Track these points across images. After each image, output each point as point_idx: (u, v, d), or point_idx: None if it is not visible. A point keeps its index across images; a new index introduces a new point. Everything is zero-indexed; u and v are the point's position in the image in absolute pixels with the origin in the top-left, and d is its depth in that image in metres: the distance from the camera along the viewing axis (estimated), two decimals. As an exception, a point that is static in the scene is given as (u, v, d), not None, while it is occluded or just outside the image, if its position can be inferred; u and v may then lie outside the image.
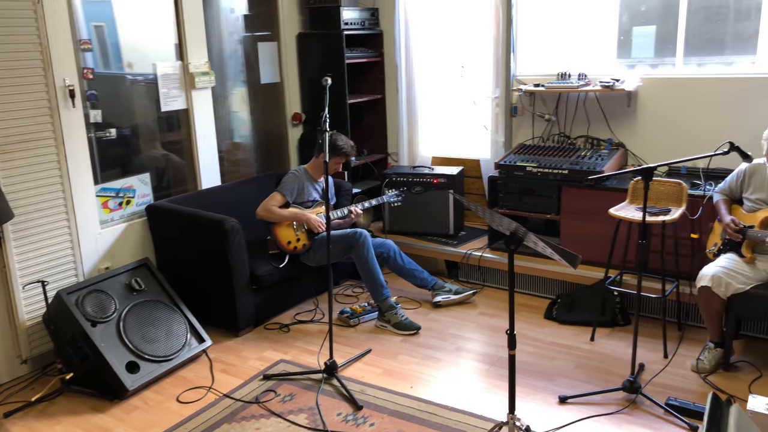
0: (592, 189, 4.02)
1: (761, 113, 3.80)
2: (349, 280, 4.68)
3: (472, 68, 4.96)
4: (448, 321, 4.02)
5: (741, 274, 3.21)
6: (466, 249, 4.53)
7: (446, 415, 2.97)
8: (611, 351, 3.56)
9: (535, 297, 4.32)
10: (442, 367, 3.46)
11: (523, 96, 4.62)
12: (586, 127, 4.49)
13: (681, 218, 3.55)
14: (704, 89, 4.04)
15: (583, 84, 4.26)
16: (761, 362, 3.35)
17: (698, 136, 4.06)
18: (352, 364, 3.50)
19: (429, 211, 4.76)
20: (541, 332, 3.83)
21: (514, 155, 4.43)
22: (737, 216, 3.36)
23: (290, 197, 3.98)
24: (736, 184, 3.42)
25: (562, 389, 3.16)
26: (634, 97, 4.27)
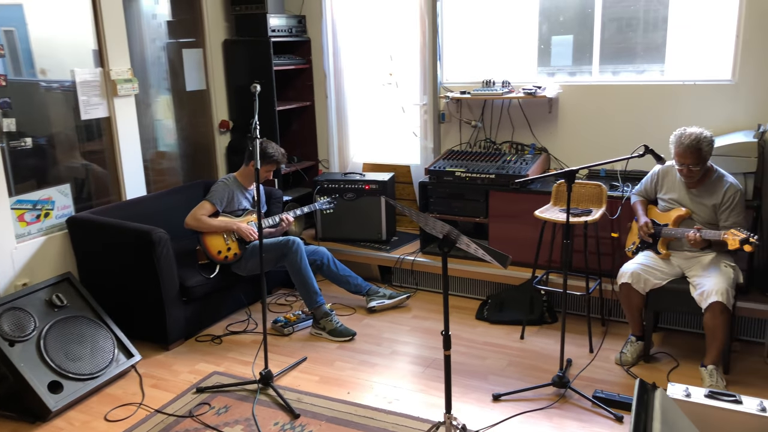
0: (518, 192, 4.16)
1: (671, 118, 4.04)
2: (282, 288, 4.64)
3: (401, 76, 5.04)
4: (383, 326, 4.04)
5: (658, 270, 3.40)
6: (399, 254, 4.58)
7: (384, 419, 3.00)
8: (540, 348, 3.68)
9: (466, 299, 4.41)
10: (379, 371, 3.48)
11: (450, 103, 4.73)
12: (510, 132, 4.64)
13: (602, 218, 3.72)
14: (619, 96, 4.26)
15: (506, 91, 4.40)
16: (678, 352, 3.55)
17: (615, 140, 4.27)
18: (288, 373, 3.47)
19: (361, 218, 4.78)
20: (474, 333, 3.92)
21: (443, 161, 4.52)
22: (653, 215, 3.56)
23: (220, 206, 3.91)
24: (650, 185, 3.62)
25: (495, 387, 3.25)
26: (554, 103, 4.46)
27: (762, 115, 3.82)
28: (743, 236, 3.02)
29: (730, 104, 3.94)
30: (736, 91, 3.92)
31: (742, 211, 3.31)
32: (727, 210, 3.28)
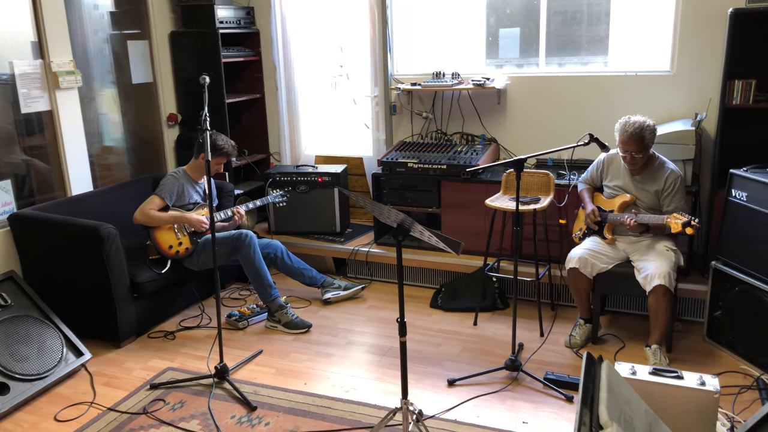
0: (469, 182, 4.23)
1: (614, 108, 4.17)
2: (236, 283, 4.59)
3: (352, 68, 5.04)
4: (338, 317, 4.06)
5: (604, 254, 3.51)
6: (354, 245, 4.60)
7: (341, 408, 3.02)
8: (493, 333, 3.77)
9: (420, 288, 4.47)
10: (335, 361, 3.50)
11: (401, 95, 4.76)
12: (461, 123, 4.71)
13: (550, 206, 3.82)
14: (565, 87, 4.37)
15: (456, 83, 4.47)
16: (624, 334, 3.69)
17: (562, 129, 4.39)
18: (244, 367, 3.45)
19: (315, 210, 4.78)
20: (428, 320, 3.97)
21: (396, 152, 4.56)
22: (599, 202, 3.68)
23: (169, 200, 3.85)
24: (596, 173, 3.73)
25: (450, 373, 3.31)
26: (503, 94, 4.54)
27: (699, 104, 3.99)
28: (685, 219, 3.15)
29: (669, 94, 4.10)
30: (674, 81, 4.08)
31: (683, 196, 3.45)
32: (669, 196, 3.41)
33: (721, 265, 3.41)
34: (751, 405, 2.92)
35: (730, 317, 3.39)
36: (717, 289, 3.46)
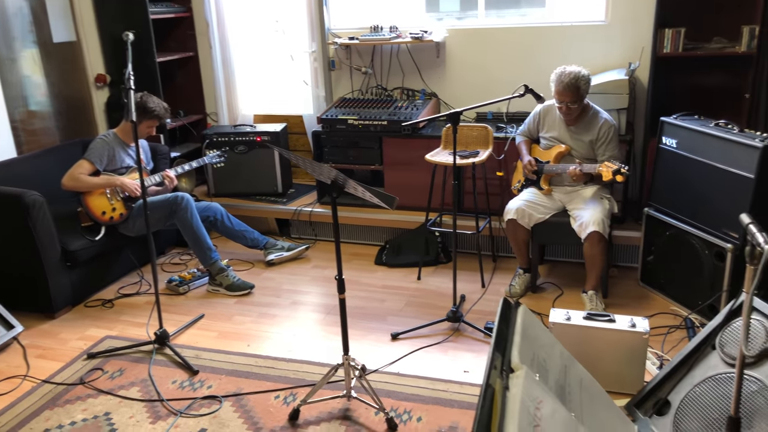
0: (410, 138, 4.20)
1: (551, 59, 4.16)
2: (176, 248, 4.50)
3: (287, 22, 4.88)
4: (282, 278, 4.03)
5: (541, 205, 3.57)
6: (296, 206, 4.54)
7: (285, 367, 3.02)
8: (436, 287, 3.81)
9: (365, 246, 4.47)
10: (279, 322, 3.48)
11: (339, 50, 4.66)
12: (401, 78, 4.65)
13: (489, 160, 3.84)
14: (503, 39, 4.35)
15: (394, 36, 4.39)
16: (562, 282, 3.78)
17: (500, 82, 4.37)
18: (185, 331, 3.40)
19: (255, 171, 4.68)
20: (373, 277, 3.99)
21: (336, 109, 4.48)
22: (536, 153, 3.71)
23: (100, 164, 3.70)
24: (533, 124, 3.76)
25: (393, 327, 3.33)
26: (442, 48, 4.50)
27: (632, 53, 4.04)
28: (615, 167, 3.21)
29: (604, 44, 4.13)
30: (609, 31, 4.11)
31: (617, 145, 3.51)
32: (603, 145, 3.46)
33: (654, 211, 3.51)
34: (679, 343, 3.05)
35: (662, 261, 3.50)
36: (650, 234, 3.57)
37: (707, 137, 3.15)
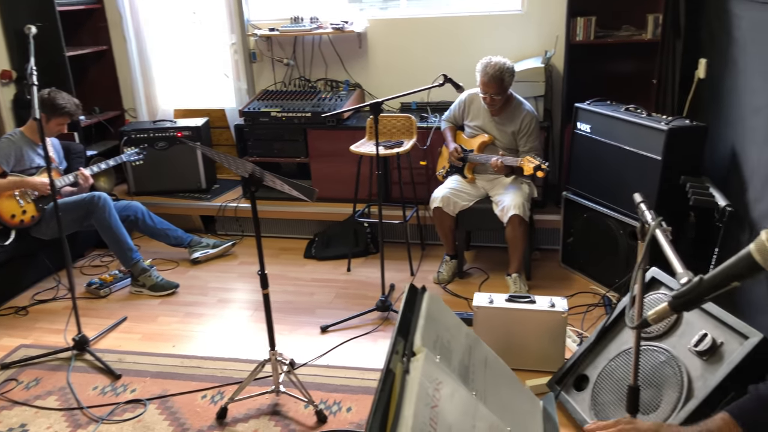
0: (335, 129, 4.19)
1: (472, 48, 4.24)
2: (96, 249, 4.33)
3: (205, 14, 4.76)
4: (208, 276, 3.95)
5: (465, 192, 3.63)
6: (221, 201, 4.45)
7: (212, 366, 2.96)
8: (366, 278, 3.82)
9: (294, 239, 4.43)
10: (205, 321, 3.42)
11: (259, 41, 4.58)
12: (324, 69, 4.62)
13: (414, 149, 3.87)
14: (424, 29, 4.39)
15: (315, 27, 4.35)
16: (488, 266, 3.87)
17: (423, 71, 4.38)
18: (107, 335, 3.28)
19: (177, 167, 4.55)
20: (302, 271, 3.96)
21: (258, 101, 4.41)
22: (460, 141, 3.77)
23: (6, 165, 3.51)
24: (458, 112, 3.80)
25: (323, 320, 3.32)
26: (364, 38, 4.49)
27: (548, 42, 4.14)
28: (536, 163, 3.28)
29: (521, 32, 4.23)
30: (525, 20, 4.20)
31: (538, 136, 3.59)
32: (524, 136, 3.54)
33: (571, 194, 3.63)
34: (597, 321, 3.17)
35: (581, 242, 3.63)
36: (568, 217, 3.69)
37: (618, 122, 3.28)
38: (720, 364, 2.09)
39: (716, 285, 0.96)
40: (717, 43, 3.28)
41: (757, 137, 2.69)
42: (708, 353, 2.13)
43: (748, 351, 2.03)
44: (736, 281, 0.95)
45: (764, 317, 2.44)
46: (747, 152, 2.81)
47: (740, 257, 0.93)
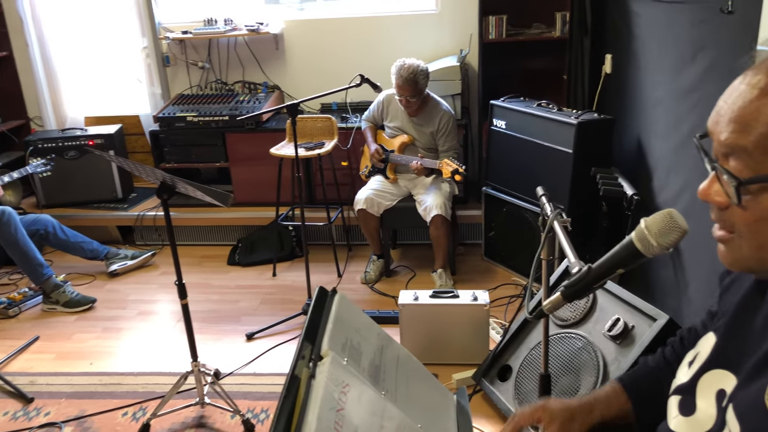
0: (254, 132, 4.12)
1: (388, 48, 4.26)
2: (4, 267, 4.08)
3: (114, 17, 4.57)
4: (127, 288, 3.80)
5: (388, 193, 3.65)
6: (139, 210, 4.30)
7: (132, 382, 2.85)
8: (292, 282, 3.78)
9: (217, 246, 4.32)
10: (125, 335, 3.29)
11: (172, 44, 4.45)
12: (241, 72, 4.54)
13: (336, 150, 3.86)
14: (341, 29, 4.38)
15: (230, 29, 4.27)
16: (414, 263, 3.90)
17: (342, 72, 4.35)
18: (17, 357, 3.11)
19: (90, 177, 4.36)
20: (225, 278, 3.88)
21: (173, 106, 4.29)
22: (381, 141, 3.78)
23: None
24: (377, 113, 3.81)
25: (249, 327, 3.26)
26: (280, 39, 4.44)
27: (462, 40, 4.22)
28: (455, 167, 3.32)
29: (436, 32, 4.29)
30: (439, 19, 4.27)
31: (456, 135, 3.65)
32: (443, 136, 3.58)
33: (491, 189, 3.71)
34: (519, 311, 3.24)
35: (502, 236, 3.72)
36: (489, 212, 3.77)
37: (531, 117, 3.37)
38: (632, 347, 2.18)
39: (603, 273, 1.00)
40: (620, 39, 3.43)
41: (659, 128, 2.83)
42: (621, 337, 2.21)
43: (657, 332, 2.12)
44: (620, 268, 0.99)
45: (671, 299, 2.58)
46: (651, 143, 2.95)
47: (623, 246, 0.98)
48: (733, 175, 0.75)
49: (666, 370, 1.15)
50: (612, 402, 1.18)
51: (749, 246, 0.78)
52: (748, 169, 0.74)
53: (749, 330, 0.87)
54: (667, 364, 1.18)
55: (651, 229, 0.95)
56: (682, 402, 0.94)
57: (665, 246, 0.94)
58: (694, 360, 0.97)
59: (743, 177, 0.74)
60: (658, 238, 0.94)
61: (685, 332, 1.19)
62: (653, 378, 1.18)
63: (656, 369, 1.19)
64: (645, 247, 0.95)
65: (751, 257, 0.78)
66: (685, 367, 0.97)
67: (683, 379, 0.96)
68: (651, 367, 1.20)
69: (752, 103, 0.73)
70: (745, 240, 0.78)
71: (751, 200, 0.75)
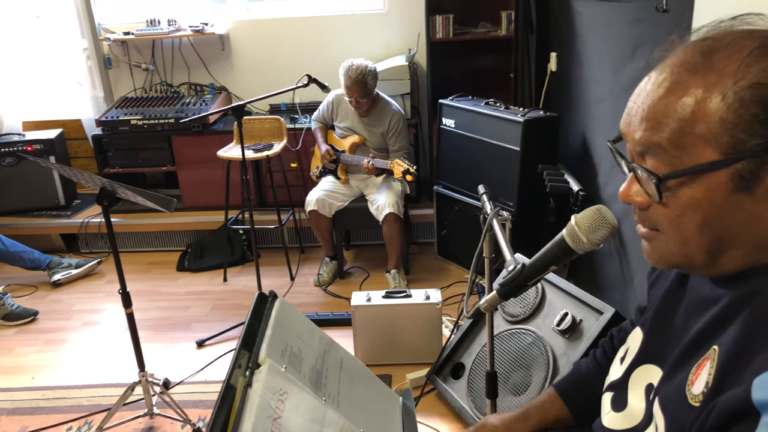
0: (201, 135, 4.04)
1: (337, 48, 4.23)
2: (-61, 280, 3.91)
3: (52, 18, 4.41)
4: (72, 298, 3.68)
5: (339, 193, 3.62)
6: (83, 218, 4.16)
7: (77, 395, 2.76)
8: (243, 286, 3.72)
9: (166, 252, 4.22)
10: (69, 347, 3.18)
11: (114, 46, 4.33)
12: (187, 73, 4.44)
13: (285, 151, 3.81)
14: (288, 29, 4.33)
15: (174, 30, 4.17)
16: (368, 264, 3.89)
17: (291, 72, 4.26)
18: (-48, 375, 2.97)
19: (30, 184, 4.19)
20: (175, 285, 3.79)
21: (117, 109, 4.17)
22: (332, 142, 3.75)
23: None
24: (327, 113, 3.78)
25: (199, 334, 3.19)
26: (227, 40, 4.36)
27: (411, 40, 4.22)
28: (405, 167, 3.32)
29: (384, 31, 4.28)
30: (387, 19, 4.26)
31: (406, 135, 3.64)
32: (393, 136, 3.58)
33: (442, 188, 3.72)
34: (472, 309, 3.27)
35: (454, 234, 3.74)
36: (441, 210, 3.78)
37: (479, 116, 3.40)
38: (580, 340, 2.21)
39: (536, 270, 1.01)
40: (564, 38, 3.49)
41: (602, 125, 2.88)
42: (569, 331, 2.25)
43: (603, 325, 2.16)
44: (553, 265, 1.00)
45: (617, 292, 2.63)
46: (595, 139, 3.01)
47: (555, 243, 0.98)
48: (652, 172, 0.76)
49: (597, 372, 1.17)
50: (548, 408, 1.21)
51: (674, 242, 0.79)
52: (665, 165, 0.76)
53: (672, 323, 0.89)
54: (597, 366, 1.21)
55: (581, 226, 0.95)
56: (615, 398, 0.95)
57: (595, 242, 0.95)
58: (625, 356, 0.98)
59: (661, 173, 0.76)
60: (588, 235, 0.95)
61: (616, 331, 1.21)
62: (585, 381, 1.20)
63: (588, 372, 1.22)
64: (575, 244, 0.95)
65: (677, 253, 0.79)
66: (617, 364, 0.99)
67: (616, 375, 0.97)
68: (582, 371, 1.23)
69: (660, 101, 0.75)
70: (669, 236, 0.79)
71: (671, 197, 0.76)
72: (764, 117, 0.69)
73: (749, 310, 0.72)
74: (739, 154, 0.70)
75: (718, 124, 0.71)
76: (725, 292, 0.78)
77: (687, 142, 0.73)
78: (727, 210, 0.73)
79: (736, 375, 0.68)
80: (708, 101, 0.71)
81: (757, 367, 0.65)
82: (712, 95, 0.71)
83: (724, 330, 0.74)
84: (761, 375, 0.63)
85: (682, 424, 0.73)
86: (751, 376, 0.64)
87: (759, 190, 0.71)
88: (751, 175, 0.71)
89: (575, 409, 1.18)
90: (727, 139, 0.71)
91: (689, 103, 0.73)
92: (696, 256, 0.78)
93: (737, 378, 0.68)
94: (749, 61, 0.70)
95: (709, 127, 0.71)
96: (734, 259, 0.77)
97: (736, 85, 0.70)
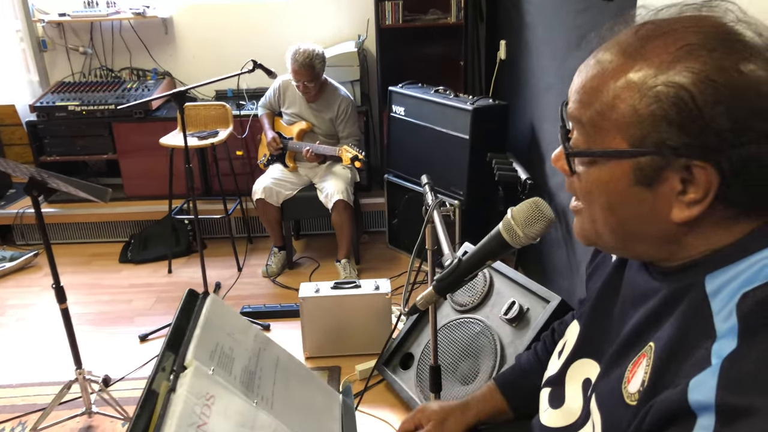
0: (143, 121, 3.90)
1: (285, 33, 4.13)
2: None
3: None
4: (5, 293, 3.51)
5: (288, 182, 3.55)
6: (18, 208, 3.98)
7: (10, 395, 2.63)
8: (189, 278, 3.62)
9: (107, 244, 4.07)
10: (2, 344, 3.03)
11: (48, 27, 4.12)
12: (128, 58, 4.27)
13: (231, 139, 3.71)
14: (234, 14, 4.20)
15: (113, 12, 4.00)
16: (318, 254, 3.83)
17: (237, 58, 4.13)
18: None
19: (-41, 173, 3.99)
20: (118, 277, 3.66)
21: (52, 95, 3.98)
22: (279, 128, 3.67)
23: None
24: (274, 99, 3.69)
25: (143, 328, 3.08)
26: (170, 23, 4.21)
27: (360, 26, 4.16)
28: (354, 153, 3.28)
29: (334, 17, 4.20)
30: (337, 4, 4.18)
31: (356, 121, 3.59)
32: (342, 122, 3.52)
33: (392, 177, 3.69)
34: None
35: (405, 223, 3.71)
36: (392, 199, 3.75)
37: (428, 103, 3.37)
38: (527, 329, 2.22)
39: (473, 265, 0.98)
40: (513, 26, 3.48)
41: (550, 113, 2.89)
42: (516, 320, 2.25)
43: (550, 313, 2.17)
44: (490, 259, 0.97)
45: (564, 281, 2.65)
46: (543, 127, 3.01)
47: (491, 237, 0.96)
48: (566, 144, 0.76)
49: (537, 366, 1.16)
50: (488, 401, 1.20)
51: (587, 217, 0.79)
52: (584, 142, 0.75)
53: (609, 317, 0.87)
54: (537, 360, 1.20)
55: (517, 219, 0.93)
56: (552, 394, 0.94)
57: (531, 236, 0.93)
58: (562, 350, 0.96)
59: (577, 148, 0.75)
60: (524, 228, 0.92)
61: (557, 324, 1.20)
62: (525, 375, 1.20)
63: (528, 366, 1.21)
64: (512, 238, 0.93)
65: (590, 229, 0.79)
66: (555, 358, 0.97)
67: (553, 370, 0.96)
68: (523, 365, 1.22)
69: (594, 78, 0.73)
70: (585, 211, 0.79)
71: (584, 172, 0.76)
72: (675, 118, 0.66)
73: (684, 305, 0.70)
74: (644, 149, 0.69)
75: (630, 115, 0.69)
76: (660, 285, 0.76)
77: (603, 125, 0.72)
78: (628, 200, 0.73)
79: (672, 374, 0.67)
80: (628, 89, 0.70)
81: (693, 366, 0.63)
82: (634, 84, 0.69)
83: (660, 325, 0.72)
84: (697, 376, 0.62)
85: (619, 423, 0.72)
86: (687, 377, 0.63)
87: (661, 189, 0.70)
88: (654, 173, 0.69)
89: (513, 403, 1.17)
90: (636, 131, 0.69)
91: (613, 87, 0.71)
92: (604, 235, 0.78)
93: (674, 377, 0.66)
94: (678, 56, 0.67)
95: (624, 116, 0.70)
96: (645, 248, 0.76)
97: (656, 78, 0.67)
